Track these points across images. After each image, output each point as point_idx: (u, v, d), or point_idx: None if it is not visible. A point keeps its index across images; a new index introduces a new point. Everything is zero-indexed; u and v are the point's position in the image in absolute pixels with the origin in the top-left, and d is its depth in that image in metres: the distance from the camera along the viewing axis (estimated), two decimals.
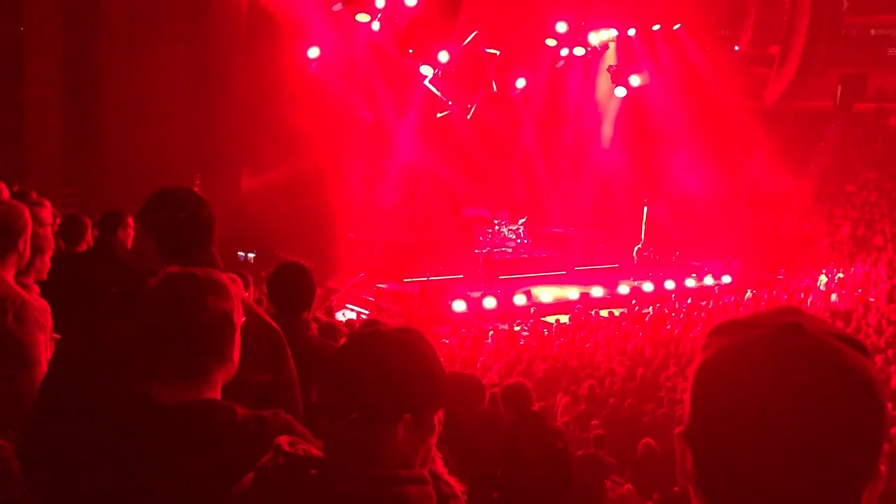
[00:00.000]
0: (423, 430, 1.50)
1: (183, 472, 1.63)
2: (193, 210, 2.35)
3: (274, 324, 2.45)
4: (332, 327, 5.05)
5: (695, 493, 0.96)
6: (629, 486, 7.83)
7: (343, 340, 1.72)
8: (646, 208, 22.45)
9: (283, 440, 1.47)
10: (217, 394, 1.77)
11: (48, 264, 3.21)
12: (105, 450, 1.67)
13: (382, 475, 1.41)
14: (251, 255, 16.81)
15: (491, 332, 15.57)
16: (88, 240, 5.15)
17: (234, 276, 3.78)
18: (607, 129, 23.82)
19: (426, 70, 19.64)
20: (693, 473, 0.94)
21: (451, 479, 2.33)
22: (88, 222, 5.29)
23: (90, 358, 2.11)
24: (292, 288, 3.41)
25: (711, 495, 0.93)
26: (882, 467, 0.89)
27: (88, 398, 1.94)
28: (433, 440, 1.54)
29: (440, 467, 2.28)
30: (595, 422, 9.29)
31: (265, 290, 3.74)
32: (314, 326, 3.74)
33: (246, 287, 4.72)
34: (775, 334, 0.91)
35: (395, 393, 1.45)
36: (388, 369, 1.46)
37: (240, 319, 1.80)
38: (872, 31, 28.88)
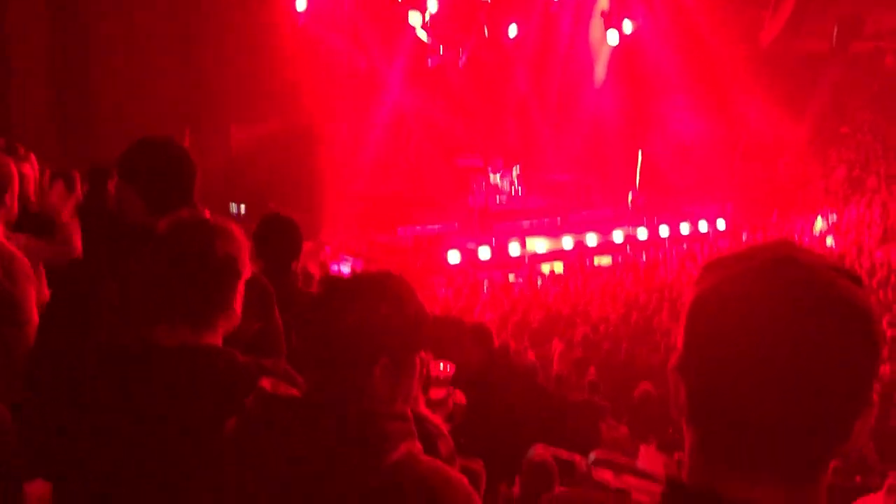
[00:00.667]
0: (402, 372, 1.50)
1: (184, 414, 1.64)
2: (175, 160, 2.31)
3: (262, 277, 2.43)
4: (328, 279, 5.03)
5: (687, 426, 0.96)
6: (624, 429, 7.95)
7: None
8: (640, 154, 22.32)
9: (266, 382, 1.48)
10: (218, 340, 1.78)
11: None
12: (104, 393, 1.69)
13: (362, 411, 1.42)
14: (242, 207, 16.73)
15: (486, 283, 15.63)
16: (78, 194, 5.11)
17: None
18: (600, 73, 23.54)
19: (415, 17, 19.29)
20: (686, 406, 0.95)
21: (436, 419, 2.35)
22: (77, 176, 5.24)
23: (87, 307, 2.10)
24: (278, 240, 3.38)
25: (704, 427, 0.93)
26: (875, 396, 0.90)
27: (86, 345, 1.94)
28: (415, 381, 1.55)
29: (423, 407, 2.30)
30: (592, 368, 9.37)
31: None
32: (315, 278, 3.73)
33: None
34: (769, 266, 0.91)
35: (370, 336, 1.46)
36: (364, 313, 1.46)
37: (246, 269, 1.80)
38: None
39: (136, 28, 16.36)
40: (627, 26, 22.65)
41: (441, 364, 2.12)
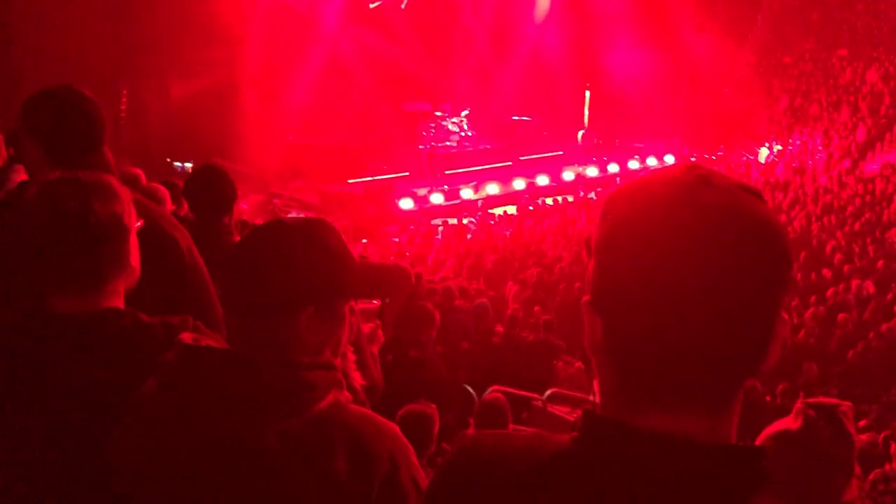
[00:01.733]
0: (330, 321, 1.47)
1: (88, 381, 1.57)
2: (78, 109, 2.18)
3: (174, 232, 2.31)
4: None
5: (603, 361, 0.93)
6: (579, 364, 8.10)
7: None
8: (588, 93, 22.31)
9: (186, 336, 1.44)
10: (120, 302, 1.69)
11: None
12: (3, 371, 1.60)
13: (286, 360, 1.39)
14: (188, 165, 16.33)
15: (440, 228, 15.63)
16: (2, 156, 4.95)
17: (154, 184, 3.64)
18: (542, 7, 23.34)
19: None
20: (603, 342, 0.92)
21: (354, 374, 2.33)
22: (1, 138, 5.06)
23: None
24: (209, 190, 3.30)
25: (624, 362, 0.90)
26: (785, 315, 0.89)
27: None
28: (344, 331, 1.51)
29: (350, 362, 2.27)
30: (538, 308, 9.49)
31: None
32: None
33: (176, 198, 4.56)
34: (681, 187, 0.88)
35: (294, 283, 1.41)
36: (287, 259, 1.42)
37: (133, 222, 1.71)
38: None
39: None
40: None
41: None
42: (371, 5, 19.93)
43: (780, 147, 21.29)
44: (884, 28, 24.12)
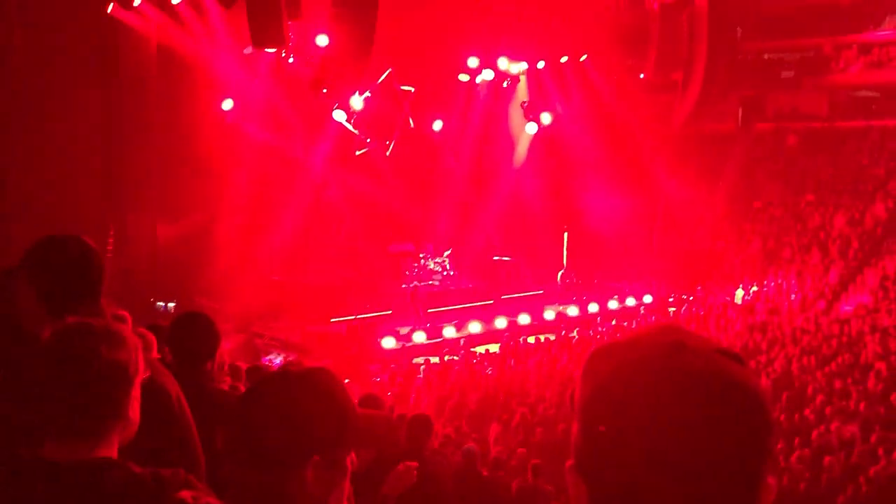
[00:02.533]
0: (334, 472, 1.47)
1: None
2: (79, 259, 2.23)
3: (164, 380, 2.34)
4: (256, 371, 4.95)
5: None
6: None
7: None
8: (566, 235, 22.91)
9: (186, 495, 1.42)
10: (113, 452, 1.68)
11: None
12: None
13: None
14: (171, 305, 16.33)
15: (423, 367, 15.53)
16: None
17: (142, 329, 3.67)
18: (520, 156, 24.35)
19: (340, 115, 19.70)
20: None
21: None
22: None
23: None
24: (192, 338, 3.31)
25: None
26: (771, 480, 0.91)
27: None
28: (346, 482, 1.51)
29: None
30: (523, 451, 9.32)
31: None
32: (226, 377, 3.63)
33: (159, 344, 4.57)
34: (660, 354, 0.90)
35: (302, 433, 1.42)
36: (295, 409, 1.43)
37: (138, 374, 1.72)
38: (766, 56, 30.49)
39: (53, 124, 16.11)
40: (546, 118, 23.66)
41: None
42: (357, 152, 20.71)
43: (755, 288, 21.71)
44: (846, 177, 25.28)
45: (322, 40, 17.84)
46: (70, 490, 1.58)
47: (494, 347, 17.38)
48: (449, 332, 18.11)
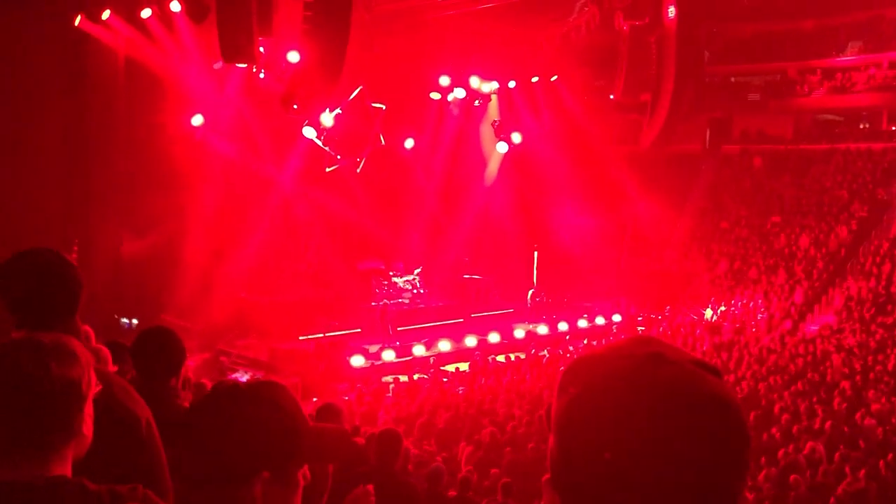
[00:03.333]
0: (285, 488, 1.43)
1: None
2: (53, 276, 2.17)
3: (132, 404, 2.26)
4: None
5: None
6: None
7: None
8: (536, 253, 22.99)
9: None
10: (67, 470, 1.62)
11: None
12: None
13: None
14: (135, 322, 16.05)
15: (392, 386, 15.42)
16: None
17: (99, 346, 3.57)
18: (491, 174, 24.47)
19: (310, 132, 19.63)
20: None
21: None
22: None
23: None
24: (156, 354, 3.23)
25: None
26: (748, 494, 0.88)
27: None
28: (297, 498, 1.47)
29: None
30: (495, 470, 9.25)
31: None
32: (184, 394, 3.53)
33: (120, 358, 4.44)
34: (636, 366, 0.88)
35: (249, 449, 1.39)
36: (241, 424, 1.39)
37: (90, 389, 1.66)
38: (733, 79, 31.08)
39: (20, 136, 15.84)
40: (516, 137, 23.81)
41: None
42: (327, 169, 20.62)
43: (723, 308, 21.93)
44: (811, 199, 25.74)
45: (293, 56, 17.79)
46: None
47: (464, 366, 17.32)
48: (418, 350, 18.01)
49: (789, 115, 29.30)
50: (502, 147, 23.84)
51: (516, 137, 23.85)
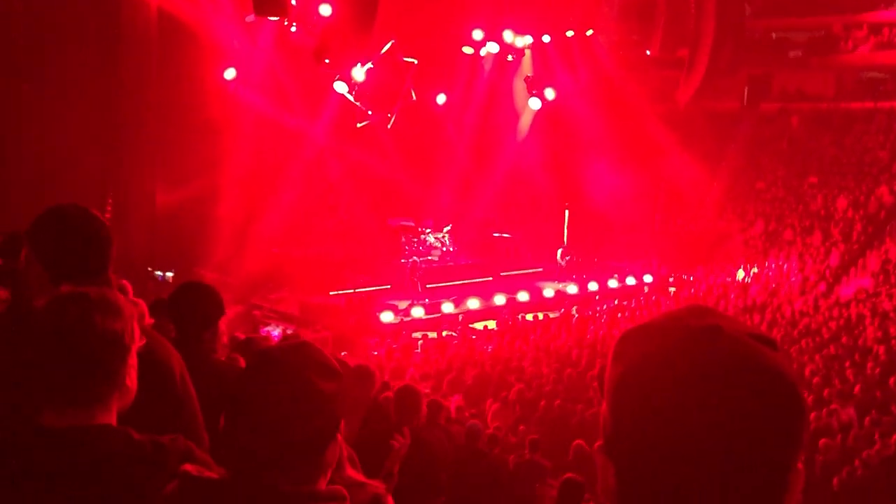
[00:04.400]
0: (337, 444, 1.48)
1: (76, 498, 1.54)
2: (85, 231, 2.19)
3: (167, 355, 2.30)
4: (250, 343, 4.91)
5: None
6: None
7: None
8: (567, 212, 22.82)
9: (190, 468, 1.41)
10: (112, 420, 1.68)
11: None
12: None
13: (299, 493, 1.36)
14: (169, 275, 16.29)
15: (420, 342, 15.55)
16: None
17: (136, 299, 3.62)
18: (523, 130, 24.19)
19: (341, 86, 19.51)
20: (616, 489, 0.90)
21: (371, 481, 2.28)
22: None
23: None
24: (192, 308, 3.26)
25: None
26: (801, 465, 0.89)
27: None
28: (339, 449, 1.51)
29: (353, 473, 2.23)
30: (522, 427, 9.32)
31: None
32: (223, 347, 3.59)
33: (159, 313, 4.52)
34: (694, 338, 0.88)
35: (320, 420, 1.42)
36: (305, 391, 1.41)
37: (134, 342, 1.71)
38: (774, 35, 30.20)
39: (52, 89, 15.96)
40: (550, 93, 23.42)
41: None
42: (358, 125, 20.54)
43: (756, 270, 21.66)
44: (851, 159, 25.14)
45: (325, 10, 17.60)
46: (69, 456, 1.58)
47: (492, 324, 17.38)
48: (447, 307, 18.09)
49: (831, 72, 28.49)
50: (535, 103, 23.50)
51: (550, 93, 23.47)
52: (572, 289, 20.55)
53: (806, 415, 0.89)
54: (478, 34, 22.08)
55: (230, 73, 18.42)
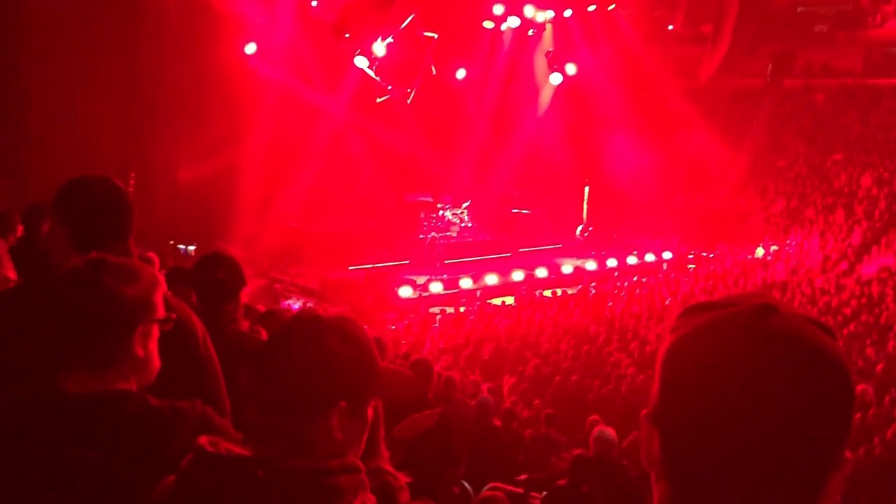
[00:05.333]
0: (358, 419, 1.47)
1: (95, 462, 1.56)
2: (108, 199, 2.26)
3: (190, 320, 2.35)
4: (272, 314, 4.98)
5: (658, 478, 0.93)
6: None
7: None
8: (587, 188, 22.71)
9: (204, 440, 1.41)
10: (129, 385, 1.69)
11: None
12: (6, 446, 1.58)
13: (314, 468, 1.37)
14: (191, 249, 16.45)
15: (438, 317, 15.62)
16: (16, 233, 5.05)
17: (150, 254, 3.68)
18: (543, 105, 24.01)
19: (362, 61, 19.45)
20: (659, 457, 0.91)
21: (397, 473, 2.31)
22: (18, 217, 5.16)
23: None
24: (214, 278, 3.31)
25: (679, 480, 0.90)
26: (848, 454, 0.89)
27: None
28: (367, 431, 1.51)
29: (385, 461, 2.26)
30: (538, 401, 9.38)
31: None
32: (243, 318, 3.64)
33: (181, 283, 4.59)
34: (749, 313, 0.89)
35: (331, 378, 1.41)
36: (325, 354, 1.42)
37: (153, 311, 1.72)
38: (799, 9, 29.66)
39: (75, 66, 16.05)
40: (571, 69, 23.20)
41: None
42: (378, 100, 20.51)
43: (776, 247, 21.48)
44: (877, 136, 24.75)
45: None
46: (86, 419, 1.59)
47: (510, 300, 17.41)
48: (465, 283, 18.14)
49: (858, 47, 27.94)
50: (556, 78, 23.30)
51: (571, 68, 23.26)
52: (591, 265, 20.51)
53: (853, 399, 0.89)
54: (498, 8, 21.88)
55: (250, 48, 18.43)
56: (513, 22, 22.48)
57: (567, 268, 20.08)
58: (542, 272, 19.46)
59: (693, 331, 0.90)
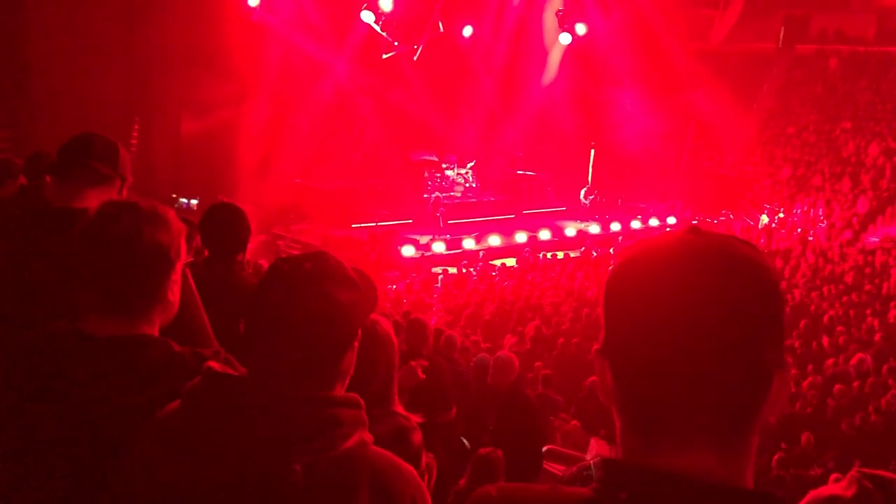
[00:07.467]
0: (351, 352, 1.48)
1: (118, 405, 1.56)
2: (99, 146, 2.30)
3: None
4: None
5: (617, 409, 0.97)
6: (575, 422, 8.03)
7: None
8: (592, 151, 22.55)
9: (215, 364, 1.42)
10: (154, 331, 1.70)
11: None
12: (31, 385, 1.59)
13: (317, 397, 1.38)
14: (194, 202, 16.43)
15: (440, 277, 15.65)
16: (23, 182, 5.04)
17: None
18: (552, 69, 23.72)
19: (368, 16, 19.17)
20: (613, 388, 0.95)
21: (409, 414, 2.33)
22: (20, 165, 5.14)
23: (7, 295, 2.01)
24: (225, 229, 3.30)
25: (632, 404, 0.94)
26: (788, 359, 0.93)
27: (8, 335, 1.81)
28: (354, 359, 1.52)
29: (398, 405, 2.29)
30: (538, 363, 9.43)
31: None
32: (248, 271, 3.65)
33: (189, 235, 4.58)
34: (675, 235, 0.95)
35: (339, 322, 1.42)
36: (329, 298, 1.41)
37: (180, 258, 1.72)
38: None
39: (78, 18, 15.85)
40: (581, 29, 22.85)
41: None
42: (384, 56, 20.26)
43: (782, 215, 21.41)
44: (887, 105, 24.47)
45: None
46: (110, 362, 1.60)
47: (513, 262, 17.42)
48: (468, 243, 18.13)
49: (873, 13, 27.47)
50: (565, 38, 22.97)
51: (580, 29, 22.90)
52: (594, 229, 20.48)
53: (782, 302, 0.93)
54: None
55: (254, 1, 18.16)
56: None
57: (570, 231, 20.05)
58: (545, 234, 19.44)
59: (626, 261, 0.96)
